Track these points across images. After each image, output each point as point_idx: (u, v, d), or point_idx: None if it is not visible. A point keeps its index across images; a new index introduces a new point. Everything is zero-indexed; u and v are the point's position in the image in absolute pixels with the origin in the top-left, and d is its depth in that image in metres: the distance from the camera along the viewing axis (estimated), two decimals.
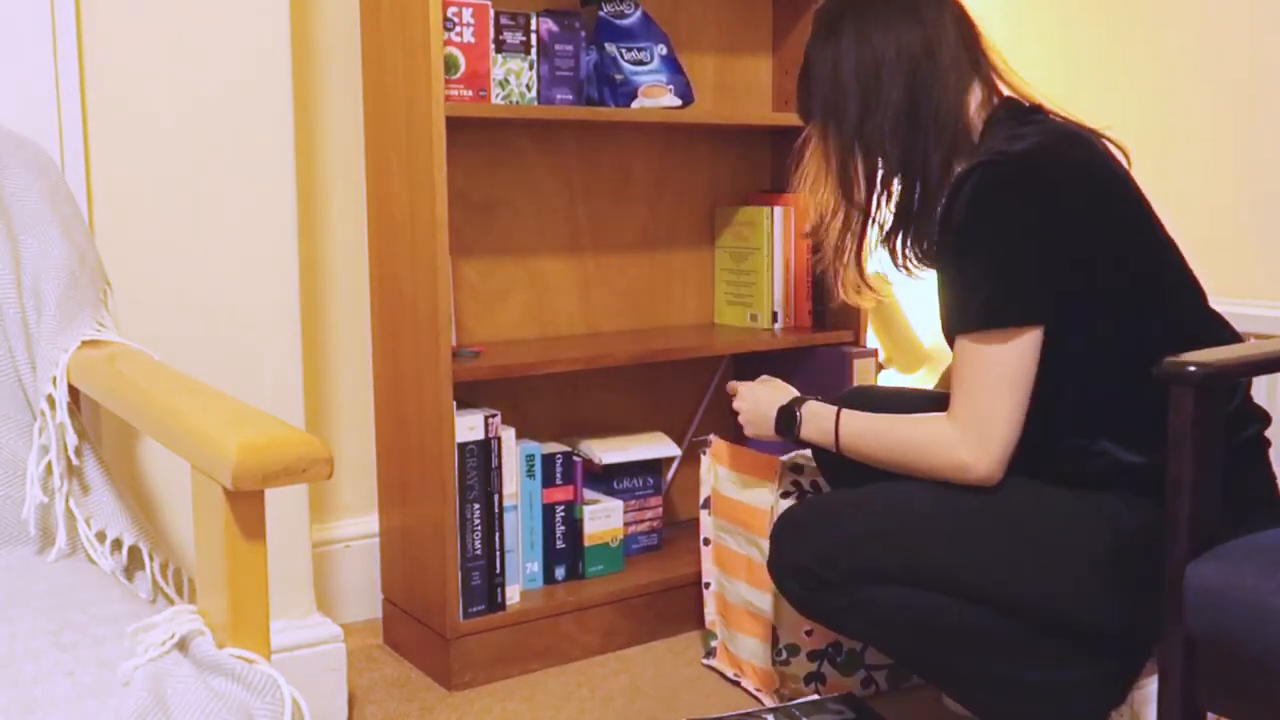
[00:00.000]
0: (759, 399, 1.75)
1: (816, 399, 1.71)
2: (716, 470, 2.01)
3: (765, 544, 1.89)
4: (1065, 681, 1.49)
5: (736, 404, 1.80)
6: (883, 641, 1.54)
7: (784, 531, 1.57)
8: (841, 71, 1.57)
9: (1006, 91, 1.60)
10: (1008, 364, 1.43)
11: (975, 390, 1.45)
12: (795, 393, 1.75)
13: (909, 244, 1.61)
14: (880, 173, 1.59)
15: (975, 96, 1.57)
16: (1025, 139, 1.46)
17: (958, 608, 1.46)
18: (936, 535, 1.48)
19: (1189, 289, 1.53)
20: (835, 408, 1.63)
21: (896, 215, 1.60)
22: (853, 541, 1.49)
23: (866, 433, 1.58)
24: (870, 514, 1.52)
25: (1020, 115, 1.54)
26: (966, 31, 1.59)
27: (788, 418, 1.69)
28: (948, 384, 1.54)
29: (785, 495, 1.88)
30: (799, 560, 1.52)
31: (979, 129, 1.55)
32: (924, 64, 1.54)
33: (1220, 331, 1.52)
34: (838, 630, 1.58)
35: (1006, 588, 1.45)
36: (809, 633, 1.89)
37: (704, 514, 2.04)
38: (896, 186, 1.59)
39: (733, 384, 1.83)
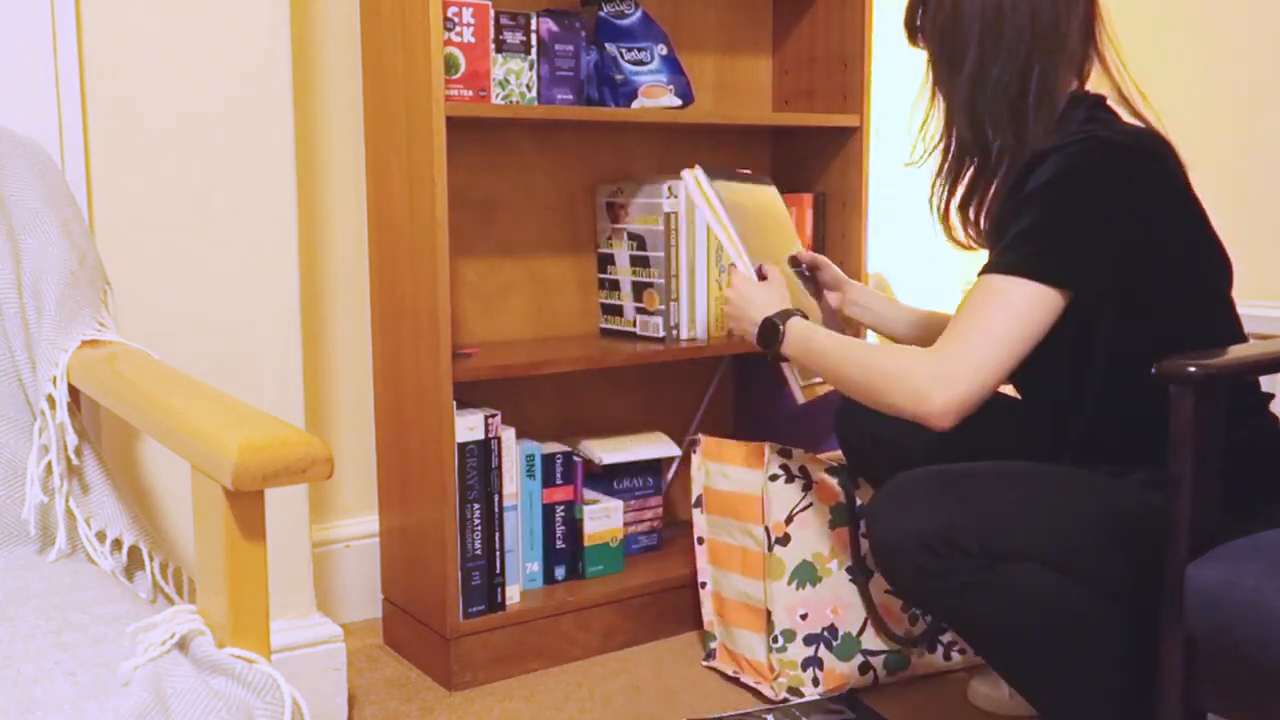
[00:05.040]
0: (752, 300, 1.72)
1: (802, 315, 1.68)
2: (707, 467, 2.01)
3: (759, 531, 1.90)
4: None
5: (728, 293, 1.76)
6: (1003, 627, 1.42)
7: (898, 503, 1.43)
8: (963, 10, 1.50)
9: (1093, 86, 1.55)
10: (1018, 314, 1.39)
11: (973, 327, 1.41)
12: (787, 300, 1.71)
13: (980, 215, 1.58)
14: (981, 126, 1.52)
15: (1073, 83, 1.53)
16: (1106, 127, 1.44)
17: (1103, 605, 1.40)
18: (1073, 516, 1.41)
19: (1225, 299, 1.52)
20: (818, 327, 1.63)
21: (971, 181, 1.57)
22: (990, 515, 1.38)
23: (843, 347, 1.57)
24: (997, 490, 1.42)
25: (1091, 109, 1.50)
26: (1090, 12, 1.54)
27: (770, 331, 1.67)
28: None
29: (774, 478, 1.89)
30: (927, 527, 1.37)
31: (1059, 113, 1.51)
32: (1049, 33, 1.48)
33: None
34: (953, 614, 1.44)
35: (1145, 592, 1.39)
36: (804, 616, 1.89)
37: (696, 513, 2.04)
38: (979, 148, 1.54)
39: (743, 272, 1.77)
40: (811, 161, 2.43)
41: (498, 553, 1.99)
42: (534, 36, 2.04)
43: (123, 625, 1.11)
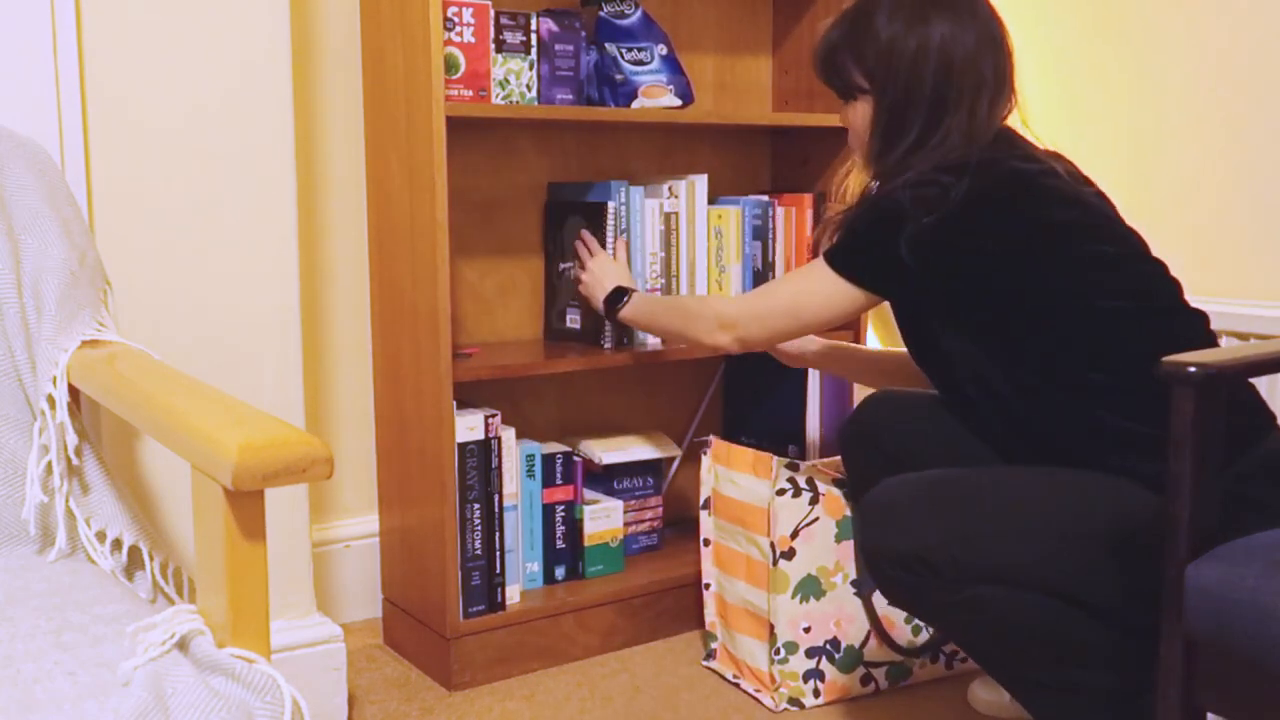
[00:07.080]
0: (606, 271, 2.04)
1: (648, 293, 2.08)
2: (716, 470, 2.01)
3: (764, 543, 1.90)
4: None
5: (588, 263, 2.07)
6: (980, 640, 1.49)
7: (882, 515, 1.49)
8: (925, 61, 1.59)
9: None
10: (810, 290, 1.65)
11: (771, 290, 1.75)
12: (631, 280, 2.06)
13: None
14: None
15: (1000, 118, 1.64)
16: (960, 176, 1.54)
17: (1070, 614, 1.44)
18: (1050, 538, 1.45)
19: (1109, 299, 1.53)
20: (651, 295, 2.04)
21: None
22: (965, 537, 1.44)
23: (663, 300, 1.99)
24: (977, 507, 1.47)
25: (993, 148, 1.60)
26: (1010, 59, 1.65)
27: (616, 295, 1.98)
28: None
29: (781, 492, 1.88)
30: (905, 546, 1.45)
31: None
32: (992, 86, 1.60)
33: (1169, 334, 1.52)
34: (932, 623, 1.53)
35: (1115, 597, 1.43)
36: (807, 629, 1.89)
37: (704, 515, 2.04)
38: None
39: (588, 244, 2.09)
40: (811, 161, 2.43)
41: (498, 553, 1.99)
42: (534, 36, 2.04)
43: (123, 625, 1.11)
